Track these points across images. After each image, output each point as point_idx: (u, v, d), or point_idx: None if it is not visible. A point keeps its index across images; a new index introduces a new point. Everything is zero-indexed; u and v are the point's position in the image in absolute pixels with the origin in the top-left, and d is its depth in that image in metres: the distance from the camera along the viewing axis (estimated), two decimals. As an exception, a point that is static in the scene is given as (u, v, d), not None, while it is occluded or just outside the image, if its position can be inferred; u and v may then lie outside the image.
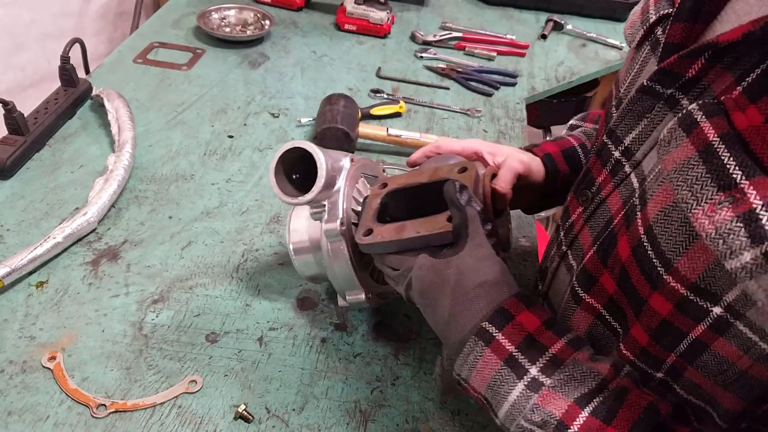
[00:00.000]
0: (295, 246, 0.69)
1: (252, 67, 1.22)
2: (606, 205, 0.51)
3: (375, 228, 0.58)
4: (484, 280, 0.51)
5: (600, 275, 0.50)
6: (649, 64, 0.51)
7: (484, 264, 0.51)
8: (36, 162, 0.92)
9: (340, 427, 0.63)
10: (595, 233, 0.52)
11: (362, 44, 1.35)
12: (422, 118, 1.13)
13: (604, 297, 0.51)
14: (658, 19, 0.50)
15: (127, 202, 0.87)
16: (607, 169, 0.52)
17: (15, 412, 0.61)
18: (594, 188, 0.54)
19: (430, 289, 0.53)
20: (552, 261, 0.61)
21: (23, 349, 0.66)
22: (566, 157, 0.74)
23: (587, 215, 0.54)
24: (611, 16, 1.58)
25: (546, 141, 0.77)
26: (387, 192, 0.62)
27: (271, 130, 1.06)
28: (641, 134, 0.48)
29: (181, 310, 0.73)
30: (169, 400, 0.63)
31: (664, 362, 0.46)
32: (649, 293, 0.44)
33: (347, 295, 0.66)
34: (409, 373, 0.69)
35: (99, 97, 1.02)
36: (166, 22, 1.33)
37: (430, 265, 0.53)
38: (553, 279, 0.60)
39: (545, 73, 1.32)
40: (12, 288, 0.73)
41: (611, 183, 0.51)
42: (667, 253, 0.41)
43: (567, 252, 0.57)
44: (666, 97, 0.45)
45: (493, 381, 0.49)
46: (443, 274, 0.52)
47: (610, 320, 0.51)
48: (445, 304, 0.52)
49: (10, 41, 1.56)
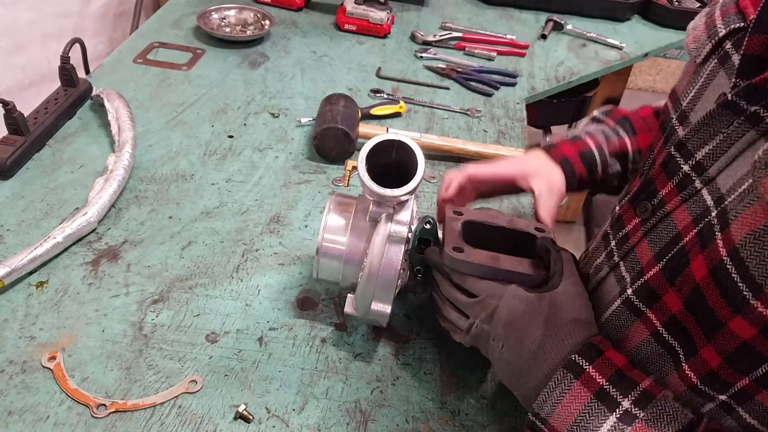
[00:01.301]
0: (326, 247, 0.67)
1: (252, 67, 1.22)
2: (671, 220, 0.50)
3: (465, 248, 0.60)
4: (578, 317, 0.52)
5: (664, 293, 0.49)
6: (717, 77, 0.50)
7: (579, 302, 0.53)
8: (36, 162, 0.92)
9: (340, 427, 0.63)
10: (657, 249, 0.50)
11: (362, 44, 1.35)
12: (422, 118, 1.13)
13: (665, 315, 0.49)
14: (727, 33, 0.50)
15: (127, 202, 0.87)
16: (673, 182, 0.50)
17: (15, 412, 0.61)
18: (656, 200, 0.51)
19: (521, 318, 0.53)
20: (599, 269, 0.59)
21: (23, 349, 0.66)
22: (583, 160, 0.74)
23: (647, 228, 0.52)
24: (611, 16, 1.58)
25: (564, 140, 0.76)
26: (465, 220, 0.64)
27: (271, 130, 1.06)
28: (716, 150, 0.46)
29: (181, 310, 0.73)
30: (169, 400, 0.63)
31: (734, 386, 0.45)
32: (730, 316, 0.42)
33: (374, 303, 0.64)
34: (409, 373, 0.69)
35: (99, 97, 1.02)
36: (166, 22, 1.33)
37: (523, 295, 0.54)
38: (598, 287, 0.58)
39: (545, 73, 1.32)
40: (12, 288, 0.73)
41: (678, 197, 0.49)
42: (757, 277, 0.40)
43: (619, 263, 0.55)
44: (749, 114, 0.44)
45: (580, 416, 0.48)
46: (537, 306, 0.53)
47: (667, 338, 0.49)
48: (535, 335, 0.52)
49: (10, 41, 1.56)
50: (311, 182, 0.95)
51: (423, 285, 0.68)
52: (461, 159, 1.02)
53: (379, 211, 0.64)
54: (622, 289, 0.54)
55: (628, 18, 1.60)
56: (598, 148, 0.75)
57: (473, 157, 1.02)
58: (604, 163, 0.75)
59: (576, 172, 0.74)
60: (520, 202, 0.95)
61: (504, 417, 0.65)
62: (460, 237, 0.61)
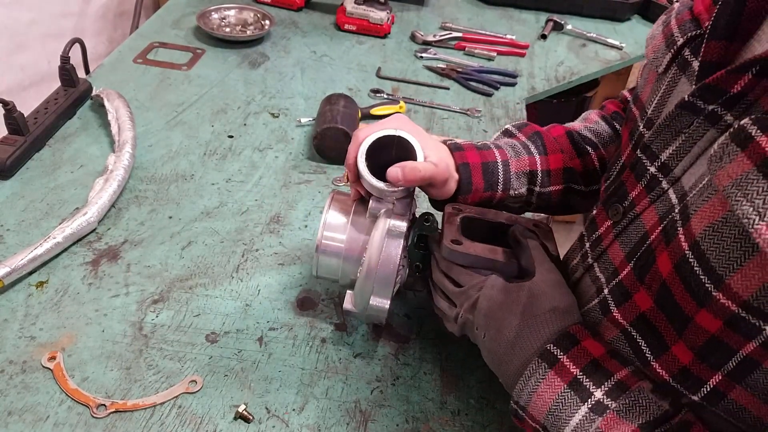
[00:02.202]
0: (326, 244, 0.67)
1: (252, 67, 1.22)
2: (640, 221, 0.51)
3: (461, 240, 0.61)
4: (556, 306, 0.52)
5: (635, 292, 0.49)
6: (679, 84, 0.51)
7: (557, 291, 0.54)
8: (36, 162, 0.92)
9: (340, 427, 0.63)
10: (628, 249, 0.51)
11: (362, 44, 1.35)
12: (422, 118, 1.13)
13: (633, 314, 0.50)
14: (685, 41, 0.51)
15: (127, 202, 0.87)
16: (642, 184, 0.51)
17: (15, 412, 0.61)
18: (626, 202, 0.53)
19: (500, 308, 0.54)
20: (574, 270, 0.60)
21: (23, 349, 0.66)
22: (485, 172, 0.70)
23: (619, 230, 0.53)
24: (611, 16, 1.58)
25: (471, 146, 0.72)
26: (464, 216, 0.65)
27: (271, 130, 1.06)
28: (679, 150, 0.48)
29: (181, 310, 0.73)
30: (169, 400, 0.63)
31: (706, 383, 0.45)
32: (696, 310, 0.43)
33: (372, 299, 0.64)
34: (409, 373, 0.69)
35: (99, 97, 1.02)
36: (166, 22, 1.34)
37: (501, 285, 0.56)
38: (575, 288, 0.59)
39: (545, 73, 1.32)
40: (12, 288, 0.73)
41: (647, 198, 0.51)
42: (717, 269, 0.40)
43: (593, 264, 0.56)
44: (707, 113, 0.46)
45: (554, 405, 0.49)
46: (515, 296, 0.54)
47: (635, 336, 0.50)
48: (512, 324, 0.53)
49: (10, 41, 1.56)
50: (311, 182, 0.95)
51: (422, 281, 0.68)
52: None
53: (378, 206, 0.65)
54: (598, 289, 0.55)
55: (628, 18, 1.60)
56: (504, 163, 0.70)
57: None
58: (507, 181, 0.70)
59: (473, 182, 0.69)
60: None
61: (504, 417, 0.65)
62: (458, 231, 0.62)
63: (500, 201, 0.71)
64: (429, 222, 0.65)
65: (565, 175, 0.71)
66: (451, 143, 0.72)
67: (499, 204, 0.71)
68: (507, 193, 0.71)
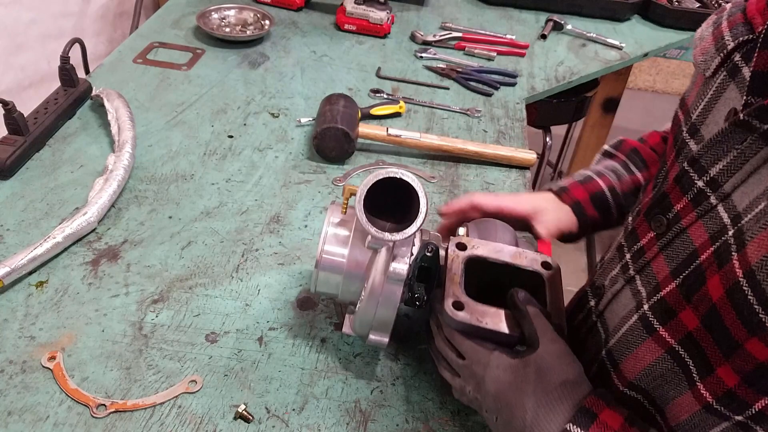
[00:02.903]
0: (326, 260, 0.63)
1: (252, 67, 1.22)
2: (687, 236, 0.49)
3: (465, 301, 0.58)
4: (566, 379, 0.51)
5: (681, 310, 0.48)
6: (728, 90, 0.49)
7: (564, 361, 0.53)
8: (36, 162, 0.92)
9: (340, 427, 0.63)
10: (674, 265, 0.49)
11: (362, 44, 1.35)
12: (422, 118, 1.13)
13: (681, 332, 0.48)
14: (736, 46, 0.49)
15: (127, 202, 0.87)
16: (688, 197, 0.49)
17: (15, 412, 0.61)
18: (671, 215, 0.51)
19: (509, 389, 0.53)
20: (614, 282, 0.57)
21: (23, 349, 0.66)
22: (595, 203, 0.74)
23: (663, 243, 0.51)
24: (611, 16, 1.58)
25: (574, 182, 0.76)
26: (468, 257, 0.62)
27: (271, 130, 1.06)
28: (730, 166, 0.46)
29: (181, 310, 0.73)
30: (169, 400, 0.63)
31: (752, 407, 0.44)
32: (746, 337, 0.42)
33: (371, 334, 0.63)
34: (409, 373, 0.69)
35: (99, 97, 1.02)
36: (166, 22, 1.34)
37: (507, 364, 0.54)
38: (613, 300, 0.57)
39: (545, 73, 1.32)
40: (12, 288, 0.73)
41: (693, 213, 0.48)
42: None
43: (635, 276, 0.54)
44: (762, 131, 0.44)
45: None
46: (522, 374, 0.52)
47: (683, 356, 0.48)
48: (526, 406, 0.51)
49: (10, 41, 1.56)
50: (311, 182, 0.95)
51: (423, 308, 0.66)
52: (461, 159, 1.02)
53: (377, 242, 0.60)
54: (638, 303, 0.53)
55: (628, 18, 1.60)
56: (610, 188, 0.74)
57: (473, 157, 1.02)
58: (619, 204, 0.74)
59: (588, 216, 0.73)
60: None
61: (504, 417, 0.65)
62: (460, 286, 0.59)
63: (619, 221, 0.75)
64: (432, 253, 0.62)
65: None
66: (557, 188, 0.77)
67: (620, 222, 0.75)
68: (623, 214, 0.74)
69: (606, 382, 0.55)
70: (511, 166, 1.03)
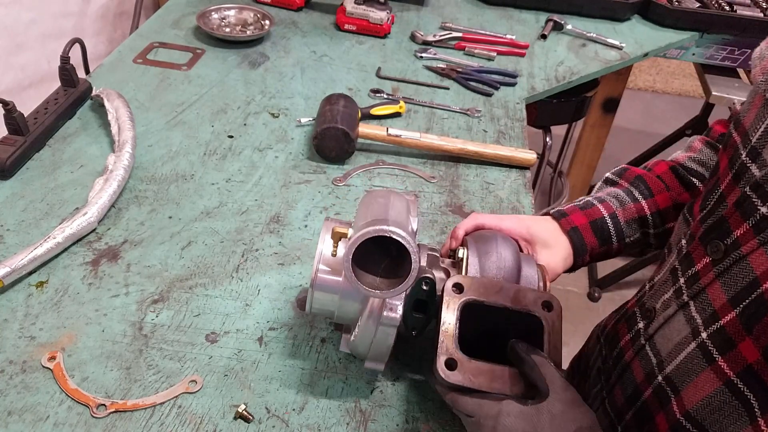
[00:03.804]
0: (322, 278, 0.61)
1: (252, 67, 1.22)
2: (747, 263, 0.47)
3: (458, 359, 0.55)
4: (581, 426, 0.50)
5: (740, 341, 0.46)
6: None
7: (577, 409, 0.51)
8: (36, 162, 0.92)
9: (340, 427, 0.63)
10: (732, 293, 0.48)
11: (362, 44, 1.35)
12: (422, 118, 1.13)
13: (740, 364, 0.46)
14: None
15: (127, 202, 0.87)
16: (749, 224, 0.47)
17: (15, 412, 0.61)
18: (729, 240, 0.49)
19: None
20: (666, 305, 0.56)
21: (23, 349, 0.67)
22: (595, 230, 0.73)
23: (720, 269, 0.49)
24: (611, 16, 1.58)
25: (575, 208, 0.74)
26: (465, 302, 0.58)
27: (271, 130, 1.06)
28: None
29: (181, 310, 0.73)
30: (169, 400, 0.63)
31: None
32: None
33: (367, 363, 0.63)
34: (409, 372, 0.69)
35: (99, 97, 1.02)
36: (166, 22, 1.34)
37: (518, 412, 0.51)
38: (665, 324, 0.56)
39: (545, 73, 1.32)
40: (12, 288, 0.73)
41: (755, 239, 0.47)
42: None
43: (689, 302, 0.53)
44: None
45: None
46: (536, 421, 0.50)
47: (743, 389, 0.46)
48: None
49: (10, 41, 1.56)
50: (311, 182, 0.95)
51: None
52: (461, 159, 1.02)
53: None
54: (693, 330, 0.51)
55: (628, 18, 1.60)
56: (611, 216, 0.73)
57: (473, 157, 1.02)
58: (619, 232, 0.73)
59: (586, 243, 0.72)
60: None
61: (504, 417, 0.65)
62: (455, 340, 0.56)
63: (618, 251, 0.73)
64: (428, 287, 0.60)
65: (677, 211, 0.71)
66: (555, 211, 0.75)
67: (619, 253, 0.74)
68: (622, 243, 0.73)
69: (663, 408, 0.54)
70: (511, 166, 1.03)
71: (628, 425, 0.59)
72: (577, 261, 0.74)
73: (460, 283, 0.59)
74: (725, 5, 1.59)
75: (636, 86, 3.42)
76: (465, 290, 0.58)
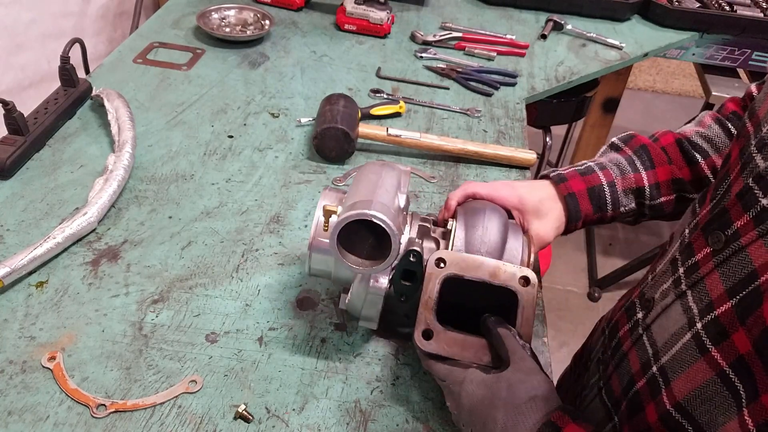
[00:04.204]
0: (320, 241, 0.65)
1: (252, 67, 1.22)
2: (746, 254, 0.47)
3: (435, 329, 0.60)
4: (535, 394, 0.52)
5: (734, 332, 0.46)
6: None
7: (533, 378, 0.54)
8: (36, 162, 0.92)
9: (340, 427, 0.63)
10: (730, 284, 0.48)
11: (362, 44, 1.35)
12: (422, 118, 1.13)
13: (732, 355, 0.46)
14: None
15: (127, 202, 0.87)
16: (749, 215, 0.47)
17: (15, 412, 0.61)
18: (729, 231, 0.49)
19: (481, 403, 0.54)
20: (664, 295, 0.56)
21: (23, 349, 0.67)
22: (591, 197, 0.73)
23: (719, 260, 0.49)
24: (611, 16, 1.58)
25: (575, 173, 0.74)
26: (446, 276, 0.62)
27: (271, 130, 1.06)
28: None
29: (181, 310, 0.73)
30: (169, 400, 0.63)
31: None
32: None
33: (360, 322, 0.67)
34: (409, 373, 0.69)
35: (99, 97, 1.02)
36: (166, 22, 1.34)
37: (480, 380, 0.56)
38: (663, 314, 0.56)
39: (545, 73, 1.32)
40: (12, 288, 0.73)
41: (754, 231, 0.46)
42: None
43: (687, 292, 0.53)
44: None
45: None
46: (494, 389, 0.54)
47: (733, 380, 0.46)
48: (496, 418, 0.53)
49: (10, 41, 1.56)
50: (311, 182, 0.95)
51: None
52: (461, 159, 1.02)
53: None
54: (689, 321, 0.51)
55: (628, 18, 1.60)
56: (610, 184, 0.73)
57: (473, 157, 1.02)
58: (615, 200, 0.73)
59: (581, 209, 0.72)
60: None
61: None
62: (433, 311, 0.60)
63: (612, 219, 0.74)
64: (415, 259, 0.63)
65: (675, 185, 0.72)
66: (555, 175, 0.75)
67: (612, 220, 0.74)
68: (617, 211, 0.74)
69: (654, 398, 0.54)
70: (511, 166, 1.03)
71: (623, 416, 0.59)
72: (569, 227, 0.75)
73: (443, 257, 0.62)
74: (725, 5, 1.59)
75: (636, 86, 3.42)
76: (447, 265, 0.62)
